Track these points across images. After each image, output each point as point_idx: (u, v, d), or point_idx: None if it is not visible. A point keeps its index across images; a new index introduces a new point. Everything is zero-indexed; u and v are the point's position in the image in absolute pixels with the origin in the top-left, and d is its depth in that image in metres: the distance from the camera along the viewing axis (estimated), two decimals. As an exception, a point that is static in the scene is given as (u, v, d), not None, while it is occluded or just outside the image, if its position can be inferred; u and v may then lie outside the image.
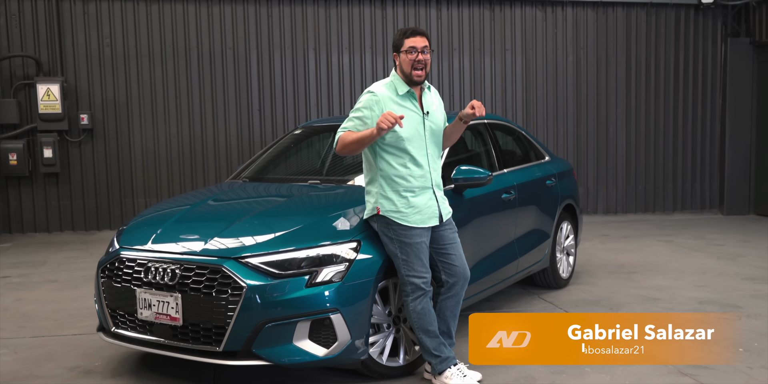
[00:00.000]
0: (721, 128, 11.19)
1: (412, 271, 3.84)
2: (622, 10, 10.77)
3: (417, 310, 3.87)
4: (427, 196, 3.91)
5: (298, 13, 9.92)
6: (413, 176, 3.86)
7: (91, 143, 9.59)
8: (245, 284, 3.64)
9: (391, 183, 3.87)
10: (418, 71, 3.84)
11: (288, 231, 3.91)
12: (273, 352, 3.68)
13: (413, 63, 3.84)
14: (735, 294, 6.09)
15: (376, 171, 3.91)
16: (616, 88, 10.85)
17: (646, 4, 10.75)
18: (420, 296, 3.86)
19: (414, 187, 3.86)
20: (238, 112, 9.89)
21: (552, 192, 6.09)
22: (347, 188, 4.66)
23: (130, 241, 4.15)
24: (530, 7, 10.48)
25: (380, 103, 3.83)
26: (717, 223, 10.42)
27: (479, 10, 10.35)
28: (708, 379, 4.05)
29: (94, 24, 9.46)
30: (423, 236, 3.88)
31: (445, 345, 3.98)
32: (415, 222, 3.85)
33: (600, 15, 10.71)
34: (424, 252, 3.88)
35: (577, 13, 10.64)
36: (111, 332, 4.12)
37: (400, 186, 3.86)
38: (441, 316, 4.00)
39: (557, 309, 5.65)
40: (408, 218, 3.84)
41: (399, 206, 3.85)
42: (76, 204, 9.64)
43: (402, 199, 3.85)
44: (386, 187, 3.87)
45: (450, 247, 3.99)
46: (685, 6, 10.89)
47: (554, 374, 4.17)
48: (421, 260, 3.85)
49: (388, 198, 3.87)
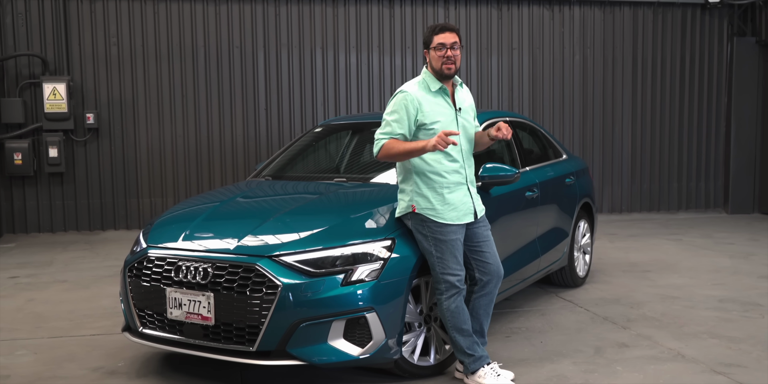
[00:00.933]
0: (726, 127, 11.20)
1: (446, 269, 3.80)
2: (629, 10, 10.76)
3: (451, 308, 3.83)
4: (462, 192, 3.88)
5: (306, 12, 9.87)
6: (448, 172, 3.84)
7: (96, 143, 9.51)
8: (280, 283, 3.59)
9: (426, 180, 3.84)
10: (448, 65, 3.82)
11: (322, 229, 3.86)
12: (307, 351, 3.63)
13: (443, 59, 3.81)
14: (753, 292, 6.08)
15: (410, 169, 3.87)
16: (623, 87, 10.85)
17: (653, 4, 10.76)
18: (454, 294, 3.82)
19: (449, 183, 3.84)
20: (244, 112, 9.83)
21: (571, 190, 6.06)
22: (376, 186, 4.61)
23: (159, 240, 4.08)
24: (537, 6, 10.47)
25: (414, 102, 3.80)
26: (722, 222, 10.42)
27: (486, 9, 10.33)
28: (743, 378, 4.02)
29: (100, 23, 9.38)
30: (458, 233, 3.84)
31: (478, 344, 3.94)
32: (451, 219, 3.82)
33: (607, 14, 10.70)
34: (459, 249, 3.85)
35: (584, 12, 10.63)
36: (138, 332, 4.05)
37: (436, 183, 3.82)
38: (474, 314, 3.97)
39: (578, 308, 5.62)
40: (444, 215, 3.81)
41: (435, 204, 3.81)
42: (80, 204, 9.55)
43: (438, 196, 3.82)
44: (421, 185, 3.84)
45: (484, 245, 3.96)
46: (691, 5, 10.90)
47: (586, 373, 4.14)
48: (456, 258, 3.82)
49: (423, 195, 3.84)
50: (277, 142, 9.92)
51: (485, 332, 4.06)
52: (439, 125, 3.80)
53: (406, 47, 10.17)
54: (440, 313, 3.89)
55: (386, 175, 4.70)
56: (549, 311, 5.53)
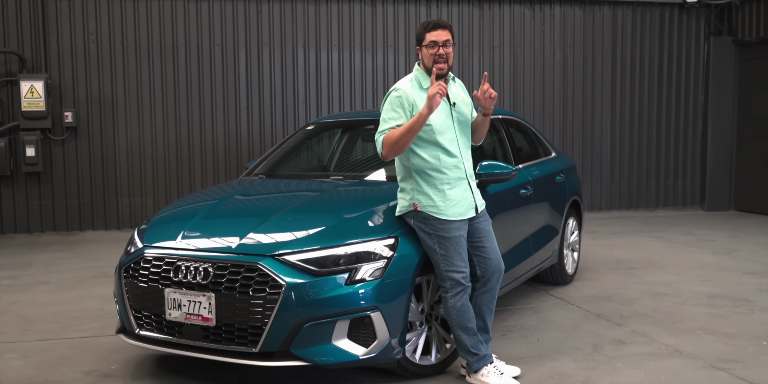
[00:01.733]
0: (703, 126, 11.33)
1: (451, 266, 3.78)
2: (609, 9, 10.84)
3: (456, 306, 3.81)
4: (463, 187, 3.86)
5: (287, 10, 9.79)
6: (448, 168, 3.81)
7: (75, 142, 9.34)
8: (284, 282, 3.53)
9: (426, 177, 3.81)
10: (440, 64, 3.76)
11: (324, 227, 3.81)
12: (311, 352, 3.58)
13: (435, 57, 3.77)
14: (741, 288, 6.14)
15: (409, 167, 3.84)
16: (602, 85, 10.92)
17: (632, 3, 10.85)
18: (460, 292, 3.80)
19: (450, 178, 3.81)
20: (225, 110, 9.73)
21: (561, 188, 6.08)
22: (375, 184, 4.58)
23: (156, 239, 3.99)
24: (518, 5, 10.50)
25: (409, 99, 3.77)
26: (701, 219, 10.54)
27: (468, 7, 10.33)
28: (742, 373, 4.05)
29: (79, 20, 9.22)
30: (461, 229, 3.82)
31: (482, 343, 3.92)
32: (454, 215, 3.80)
33: (587, 13, 10.77)
34: (463, 246, 3.82)
35: (565, 11, 10.69)
36: (135, 334, 3.97)
37: (436, 179, 3.80)
38: (477, 311, 3.96)
39: (570, 305, 5.63)
40: (446, 212, 3.78)
41: (436, 201, 3.79)
42: (58, 204, 9.39)
43: (439, 192, 3.79)
44: (422, 183, 3.81)
45: (485, 240, 3.95)
46: (669, 5, 11.01)
47: (587, 370, 4.14)
48: (460, 254, 3.80)
49: (424, 193, 3.81)
50: (258, 141, 9.83)
51: (489, 328, 4.04)
52: (434, 121, 3.76)
53: (388, 45, 10.14)
54: (445, 311, 3.87)
55: (382, 172, 4.66)
56: (542, 309, 5.54)
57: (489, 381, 3.85)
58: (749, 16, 10.84)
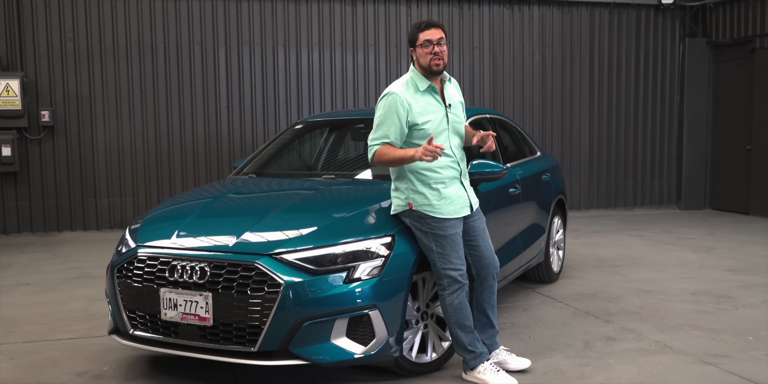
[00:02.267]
0: (679, 126, 11.49)
1: (448, 264, 3.79)
2: (586, 10, 10.95)
3: (454, 304, 3.82)
4: (457, 186, 3.90)
5: (268, 9, 9.75)
6: (442, 167, 3.84)
7: (52, 141, 9.21)
8: (283, 282, 3.52)
9: (421, 176, 3.82)
10: (436, 61, 3.79)
11: (321, 226, 3.80)
12: (310, 351, 3.57)
13: (431, 56, 3.79)
14: (723, 285, 6.24)
15: (403, 167, 3.84)
16: (580, 85, 11.03)
17: (609, 4, 10.96)
18: (457, 290, 3.82)
19: (444, 178, 3.84)
20: (205, 110, 9.66)
21: (547, 187, 6.12)
22: (369, 183, 4.57)
23: (149, 238, 3.95)
24: (497, 6, 10.56)
25: (404, 103, 3.77)
26: (677, 218, 10.68)
27: (448, 7, 10.37)
28: (732, 367, 4.12)
29: (55, 17, 9.09)
30: (457, 227, 3.85)
31: (479, 340, 3.94)
32: (449, 213, 3.83)
33: (565, 14, 10.86)
34: (459, 243, 3.85)
35: (543, 12, 10.77)
36: (128, 335, 3.93)
37: (431, 178, 3.82)
38: (479, 308, 4.01)
39: (558, 303, 5.67)
40: (441, 210, 3.81)
41: (431, 199, 3.81)
42: (35, 204, 9.25)
43: (433, 191, 3.82)
44: (416, 182, 3.83)
45: (479, 239, 3.99)
46: (645, 6, 11.14)
47: (581, 367, 4.17)
48: (456, 252, 3.82)
49: (419, 192, 3.82)
50: (239, 141, 9.77)
51: (494, 322, 4.12)
52: (430, 124, 3.80)
53: (369, 45, 10.14)
54: (443, 309, 3.88)
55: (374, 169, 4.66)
56: (530, 307, 5.57)
57: (485, 378, 3.86)
58: (723, 18, 11.01)
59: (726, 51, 11.14)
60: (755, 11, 10.41)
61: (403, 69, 10.26)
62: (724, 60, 11.18)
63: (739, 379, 3.95)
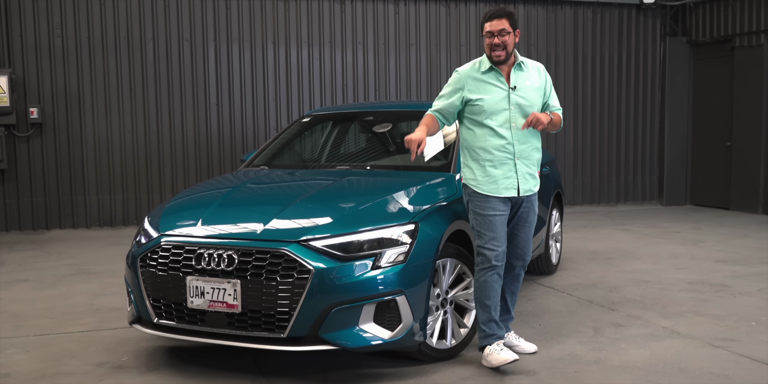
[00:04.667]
0: (660, 123, 11.71)
1: (483, 243, 3.93)
2: (570, 9, 11.12)
3: (480, 281, 3.96)
4: (507, 167, 3.97)
5: (257, 6, 9.76)
6: (495, 147, 3.96)
7: (40, 138, 9.13)
8: (312, 268, 3.56)
9: (472, 152, 4.02)
10: (496, 52, 3.94)
11: (346, 213, 3.86)
12: (339, 336, 3.62)
13: (491, 47, 3.96)
14: (717, 275, 6.40)
15: (463, 144, 4.09)
16: (564, 84, 11.19)
17: (592, 3, 11.15)
18: (487, 269, 3.92)
19: (494, 157, 3.96)
20: (195, 107, 9.64)
21: (547, 180, 6.22)
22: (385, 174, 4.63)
23: (173, 227, 3.97)
24: (484, 4, 10.67)
25: (462, 80, 4.03)
26: (660, 213, 10.89)
27: (435, 6, 10.47)
28: (741, 350, 4.25)
29: (43, 13, 9.01)
30: (498, 209, 3.95)
31: (496, 322, 4.00)
32: (490, 191, 3.95)
33: (549, 13, 11.02)
34: (498, 226, 3.94)
35: (528, 10, 10.92)
36: (153, 323, 3.94)
37: (480, 156, 3.99)
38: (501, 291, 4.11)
39: (560, 293, 5.78)
40: (482, 186, 3.96)
41: (477, 175, 3.99)
42: (23, 202, 9.15)
43: (480, 168, 3.98)
44: (468, 157, 4.05)
45: (520, 229, 4.10)
46: (627, 6, 11.35)
47: (595, 351, 4.27)
48: (495, 233, 3.92)
49: (468, 166, 4.04)
50: (229, 137, 9.77)
51: (511, 309, 4.26)
52: (485, 102, 3.96)
53: (357, 43, 10.19)
54: (473, 283, 4.04)
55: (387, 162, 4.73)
56: (534, 296, 5.67)
57: (490, 359, 3.93)
58: (702, 18, 11.26)
59: (706, 49, 11.39)
60: (734, 11, 10.66)
61: (390, 67, 10.35)
62: (704, 58, 11.43)
63: (750, 361, 4.08)
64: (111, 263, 7.15)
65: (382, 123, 5.41)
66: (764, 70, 10.27)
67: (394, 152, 5.04)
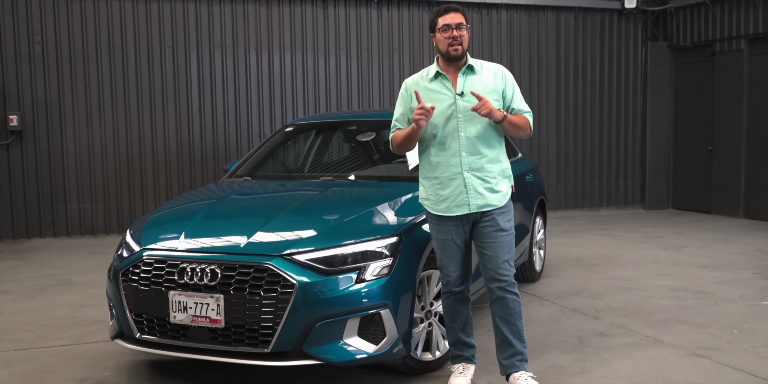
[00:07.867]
0: (642, 127, 11.78)
1: (439, 267, 3.85)
2: (553, 14, 11.16)
3: (443, 304, 3.93)
4: (456, 183, 3.68)
5: (239, 12, 9.72)
6: (439, 162, 3.71)
7: (20, 146, 9.04)
8: (296, 282, 3.54)
9: (423, 169, 3.84)
10: (454, 46, 3.64)
11: (330, 227, 3.84)
12: (323, 350, 3.60)
13: (449, 40, 3.65)
14: (699, 281, 6.43)
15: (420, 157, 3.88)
16: (547, 88, 11.23)
17: (575, 9, 11.19)
18: (446, 293, 3.87)
19: (441, 175, 3.71)
20: (177, 114, 9.58)
21: (531, 187, 6.24)
22: (369, 184, 4.62)
23: (155, 240, 3.93)
24: (466, 10, 10.66)
25: (408, 90, 3.79)
26: (643, 218, 10.95)
27: (419, 11, 10.47)
28: (723, 359, 4.27)
29: (23, 20, 8.92)
30: (451, 234, 3.72)
31: (463, 344, 3.92)
32: (440, 210, 3.72)
33: (532, 18, 11.06)
34: (452, 251, 3.75)
35: (511, 15, 10.95)
36: (135, 339, 3.90)
37: (428, 173, 3.79)
38: (494, 322, 3.80)
39: (544, 301, 5.79)
40: (434, 206, 3.76)
41: (428, 193, 3.80)
42: (3, 211, 9.05)
43: (431, 186, 3.77)
44: (421, 173, 3.86)
45: (486, 247, 3.72)
46: (609, 11, 11.41)
47: (579, 362, 4.28)
48: (447, 258, 3.76)
49: (422, 184, 3.85)
50: (211, 144, 9.72)
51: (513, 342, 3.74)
52: (436, 111, 3.64)
53: (340, 48, 10.18)
54: None
55: (371, 172, 4.71)
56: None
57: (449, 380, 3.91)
58: (683, 23, 11.34)
59: (687, 54, 11.47)
60: (714, 16, 10.75)
61: (374, 73, 10.34)
62: (685, 63, 11.51)
63: (732, 370, 4.10)
64: (93, 273, 7.08)
65: (366, 132, 5.40)
66: (744, 75, 10.37)
67: (378, 162, 5.02)
